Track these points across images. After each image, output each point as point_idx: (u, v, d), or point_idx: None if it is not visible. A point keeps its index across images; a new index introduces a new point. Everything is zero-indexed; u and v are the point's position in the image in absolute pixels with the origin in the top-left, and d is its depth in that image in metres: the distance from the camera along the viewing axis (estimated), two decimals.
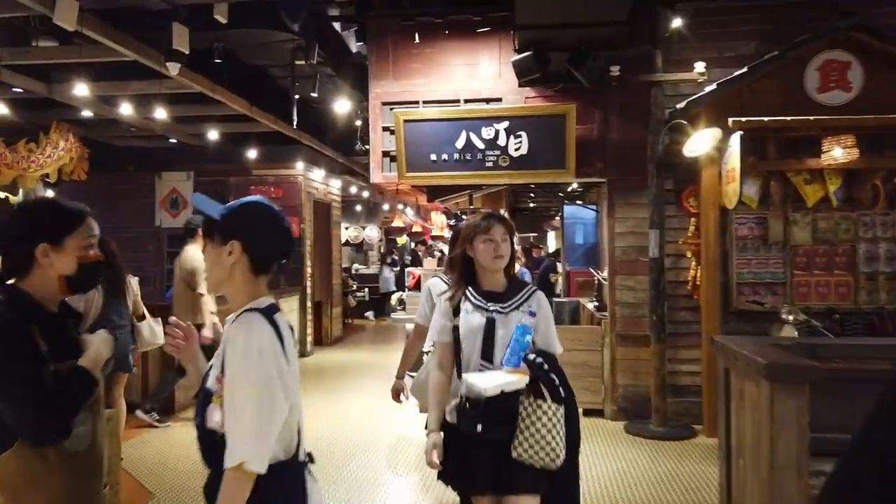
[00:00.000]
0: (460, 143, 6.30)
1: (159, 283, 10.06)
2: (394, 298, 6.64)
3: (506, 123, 6.26)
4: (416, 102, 6.52)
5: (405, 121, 6.32)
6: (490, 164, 6.33)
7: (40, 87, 6.81)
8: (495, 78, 6.52)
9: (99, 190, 10.19)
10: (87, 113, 7.82)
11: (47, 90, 6.86)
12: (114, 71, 6.75)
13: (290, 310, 9.80)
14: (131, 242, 10.18)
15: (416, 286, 8.36)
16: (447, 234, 14.97)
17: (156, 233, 10.21)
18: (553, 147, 6.29)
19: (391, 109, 6.48)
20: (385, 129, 6.59)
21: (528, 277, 7.49)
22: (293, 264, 10.18)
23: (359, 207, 16.88)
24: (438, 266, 8.92)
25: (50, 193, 10.17)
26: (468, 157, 6.33)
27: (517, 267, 2.85)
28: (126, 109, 7.13)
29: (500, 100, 6.47)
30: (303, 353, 10.10)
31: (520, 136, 6.27)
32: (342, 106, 8.22)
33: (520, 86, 6.39)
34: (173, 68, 5.61)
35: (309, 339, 10.33)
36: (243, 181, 10.13)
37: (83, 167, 8.68)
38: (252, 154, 9.95)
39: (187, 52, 5.61)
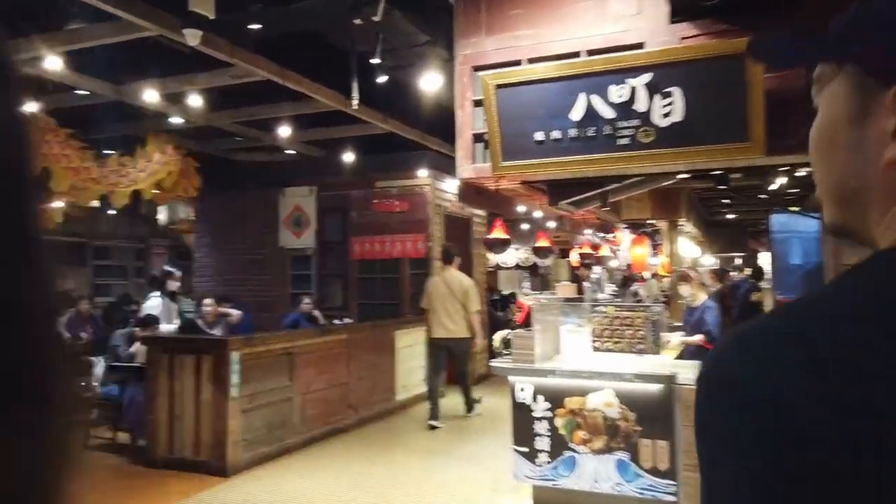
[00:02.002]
0: (577, 113, 4.25)
1: (281, 309, 9.16)
2: (496, 338, 4.77)
3: (647, 76, 4.09)
4: (518, 62, 4.60)
5: (497, 86, 4.43)
6: (624, 140, 4.20)
7: (106, 89, 6.09)
8: (632, 16, 4.38)
9: (225, 208, 9.62)
10: (176, 120, 7.07)
11: (116, 91, 6.13)
12: (179, 64, 5.81)
13: (412, 343, 8.26)
14: (256, 265, 9.44)
15: (526, 321, 6.35)
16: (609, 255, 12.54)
17: (279, 253, 9.37)
18: (726, 107, 3.99)
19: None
20: (476, 103, 4.75)
21: (710, 315, 5.25)
22: (416, 289, 8.67)
23: (527, 226, 15.07)
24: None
25: (183, 212, 9.84)
26: (590, 131, 4.26)
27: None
28: (195, 101, 6.16)
29: (640, 46, 4.31)
30: None
31: (670, 94, 4.06)
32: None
33: (672, 22, 4.22)
34: (192, 36, 4.36)
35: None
36: (366, 195, 8.90)
37: (192, 183, 8.04)
38: (374, 163, 8.70)
39: (211, 17, 4.35)
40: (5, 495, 0.39)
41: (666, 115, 4.08)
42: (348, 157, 8.56)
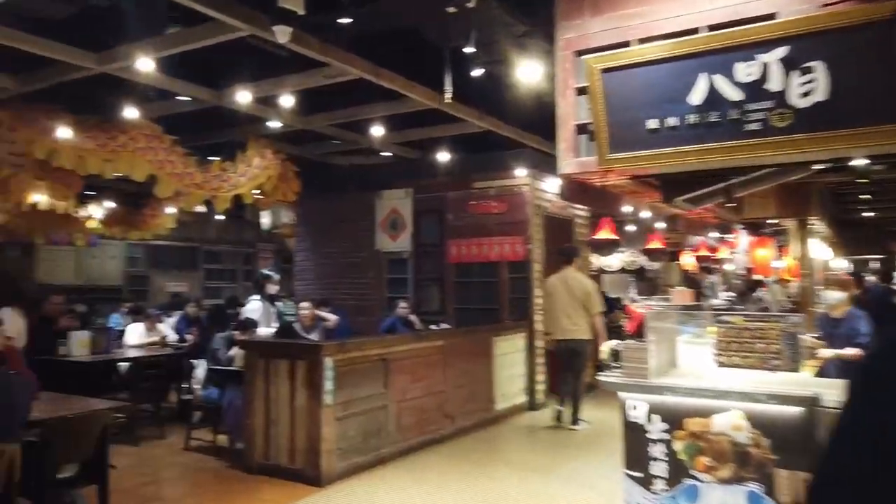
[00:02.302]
0: (697, 96, 3.77)
1: (378, 313, 9.07)
2: (604, 349, 4.32)
3: (782, 50, 3.55)
4: (627, 44, 4.15)
5: (604, 70, 4.01)
6: (754, 125, 3.67)
7: (207, 95, 6.16)
8: None
9: (324, 212, 9.68)
10: (274, 124, 7.10)
11: (215, 96, 6.20)
12: (272, 67, 5.78)
13: (511, 350, 7.91)
14: (353, 268, 9.42)
15: (638, 331, 5.79)
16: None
17: (376, 256, 9.28)
18: (879, 83, 3.41)
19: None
20: (580, 91, 4.35)
21: (862, 324, 4.64)
22: (515, 294, 8.30)
23: (633, 227, 14.29)
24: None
25: (285, 216, 9.99)
26: (713, 117, 3.76)
27: None
28: (287, 102, 6.10)
29: (771, 16, 3.76)
30: (532, 405, 8.10)
31: (811, 69, 3.50)
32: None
33: None
34: (282, 34, 4.24)
35: (540, 388, 8.28)
36: (462, 196, 8.64)
37: (291, 187, 8.08)
38: (470, 163, 8.43)
39: (301, 12, 4.22)
40: None
41: (805, 94, 3.52)
42: (444, 157, 8.33)
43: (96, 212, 11.79)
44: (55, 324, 6.81)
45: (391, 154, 8.85)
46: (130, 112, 6.64)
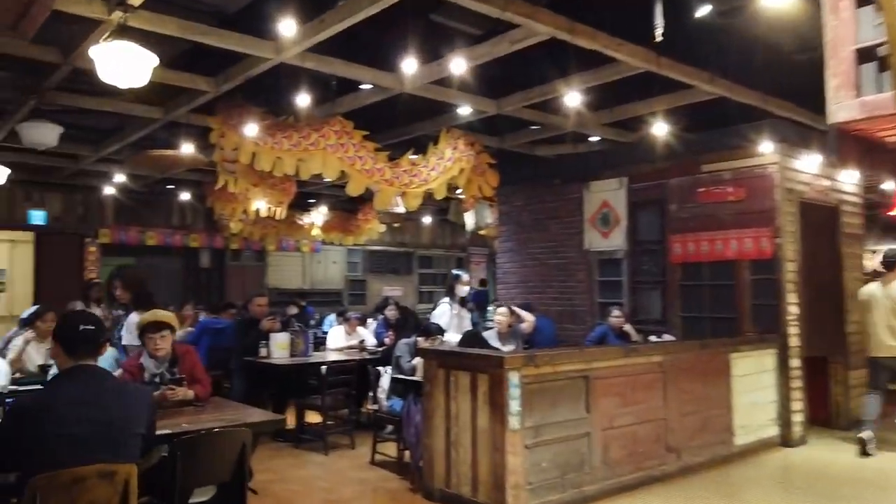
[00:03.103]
0: None
1: (589, 321, 8.00)
2: None
3: None
4: None
5: None
6: None
7: (390, 80, 5.70)
8: None
9: (526, 208, 8.88)
10: (464, 110, 6.46)
11: (397, 82, 5.71)
12: (447, 39, 5.12)
13: (755, 370, 6.32)
14: (559, 270, 8.47)
15: None
16: None
17: (585, 257, 8.21)
18: None
19: None
20: (862, 1, 2.96)
21: None
22: (759, 300, 6.65)
23: None
24: None
25: (489, 215, 9.41)
26: None
27: None
28: (475, 83, 5.37)
29: None
30: (786, 441, 6.40)
31: None
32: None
33: None
34: None
35: (797, 417, 6.53)
36: (688, 182, 7.21)
37: (487, 180, 7.40)
38: (697, 142, 7.01)
39: None
40: None
41: None
42: (664, 136, 7.01)
43: (317, 218, 12.36)
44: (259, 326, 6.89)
45: (600, 138, 7.76)
46: (320, 109, 6.49)
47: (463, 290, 6.14)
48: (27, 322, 5.47)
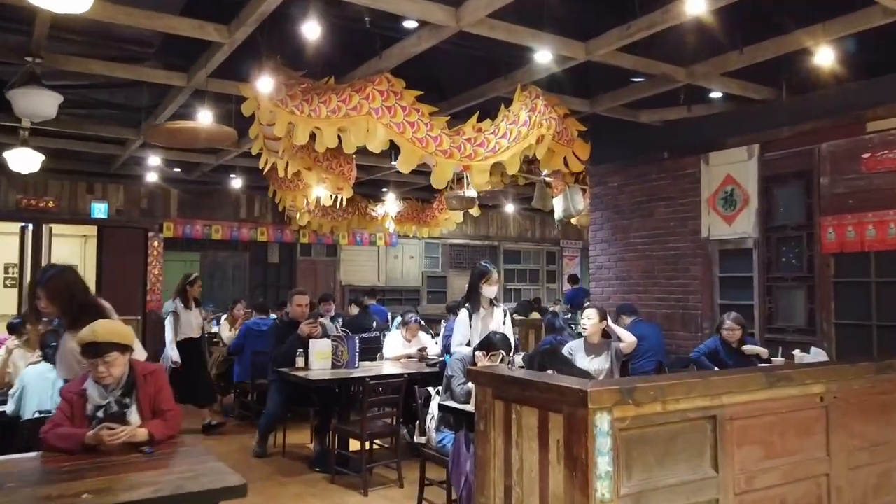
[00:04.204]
0: None
1: (707, 327, 6.36)
2: None
3: None
4: None
5: None
6: None
7: (440, 14, 4.38)
8: None
9: (625, 188, 7.30)
10: (542, 57, 5.03)
11: (452, 17, 4.38)
12: None
13: None
14: (667, 263, 6.86)
15: None
16: None
17: (701, 247, 6.54)
18: None
19: None
20: None
21: None
22: None
23: None
24: None
25: (581, 201, 7.94)
26: None
27: None
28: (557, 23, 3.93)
29: None
30: None
31: None
32: None
33: None
34: None
35: None
36: (848, 146, 5.42)
37: (577, 151, 5.94)
38: (862, 91, 5.23)
39: None
40: None
41: None
42: (812, 84, 5.27)
43: (391, 209, 11.27)
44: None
45: (722, 94, 6.08)
46: (364, 69, 5.29)
47: (491, 291, 4.59)
48: (14, 328, 4.64)
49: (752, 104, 6.10)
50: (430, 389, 4.46)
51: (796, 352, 5.23)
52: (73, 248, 10.70)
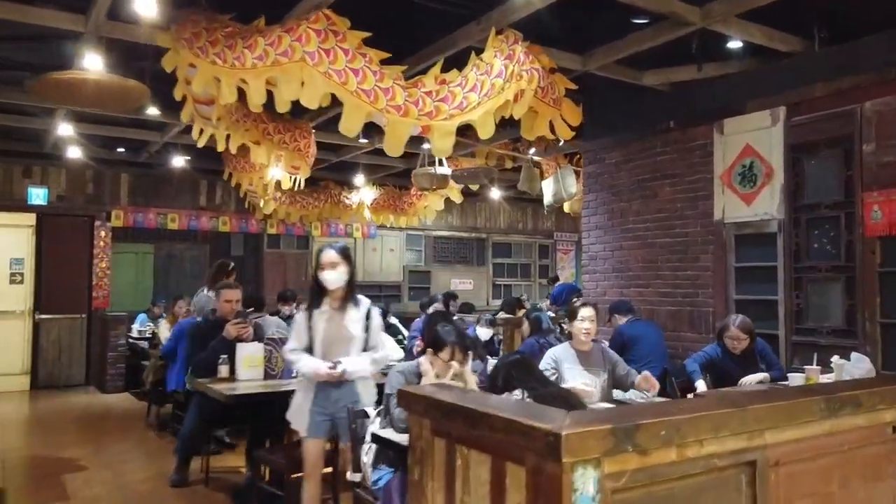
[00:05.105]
0: None
1: (719, 324, 5.32)
2: None
3: None
4: None
5: None
6: None
7: None
8: None
9: (623, 164, 6.28)
10: None
11: None
12: None
13: None
14: (673, 252, 5.83)
15: None
16: None
17: (714, 232, 5.51)
18: None
19: None
20: None
21: None
22: None
23: None
24: None
25: (574, 184, 6.94)
26: None
27: None
28: None
29: None
30: None
31: None
32: None
33: None
34: None
35: None
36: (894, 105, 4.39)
37: (566, 116, 4.90)
38: None
39: None
40: None
41: None
42: (852, 32, 4.24)
43: (367, 196, 10.26)
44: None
45: (742, 44, 5.03)
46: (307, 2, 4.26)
47: (332, 278, 3.46)
48: None
49: (777, 59, 5.06)
50: (371, 410, 3.41)
51: (834, 358, 4.22)
52: (17, 238, 9.62)
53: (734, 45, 5.08)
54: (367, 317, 3.53)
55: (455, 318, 7.79)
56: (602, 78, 5.64)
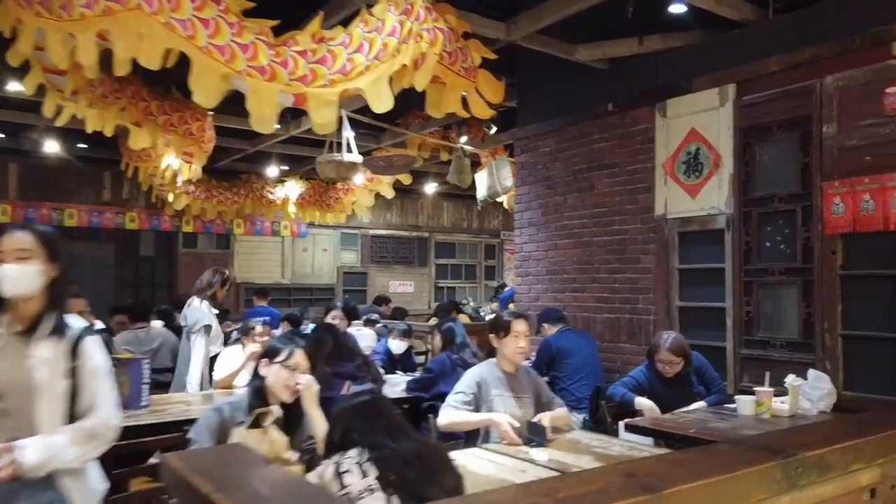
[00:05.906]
0: None
1: (661, 326, 4.62)
2: None
3: None
4: None
5: None
6: None
7: None
8: None
9: (559, 153, 5.56)
10: None
11: None
12: None
13: None
14: (610, 251, 5.11)
15: None
16: None
17: (656, 228, 4.80)
18: None
19: None
20: None
21: None
22: None
23: None
24: None
25: (508, 176, 6.23)
26: None
27: None
28: None
29: None
30: None
31: None
32: None
33: None
34: None
35: None
36: (864, 80, 3.73)
37: (483, 89, 4.13)
38: (882, 4, 3.55)
39: None
40: None
41: None
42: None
43: (292, 191, 9.37)
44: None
45: (686, 10, 4.33)
46: None
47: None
48: None
49: (727, 29, 4.39)
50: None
51: (789, 378, 3.54)
52: None
53: (677, 8, 4.39)
54: (75, 354, 1.96)
55: (379, 325, 6.98)
56: (534, 55, 4.89)
